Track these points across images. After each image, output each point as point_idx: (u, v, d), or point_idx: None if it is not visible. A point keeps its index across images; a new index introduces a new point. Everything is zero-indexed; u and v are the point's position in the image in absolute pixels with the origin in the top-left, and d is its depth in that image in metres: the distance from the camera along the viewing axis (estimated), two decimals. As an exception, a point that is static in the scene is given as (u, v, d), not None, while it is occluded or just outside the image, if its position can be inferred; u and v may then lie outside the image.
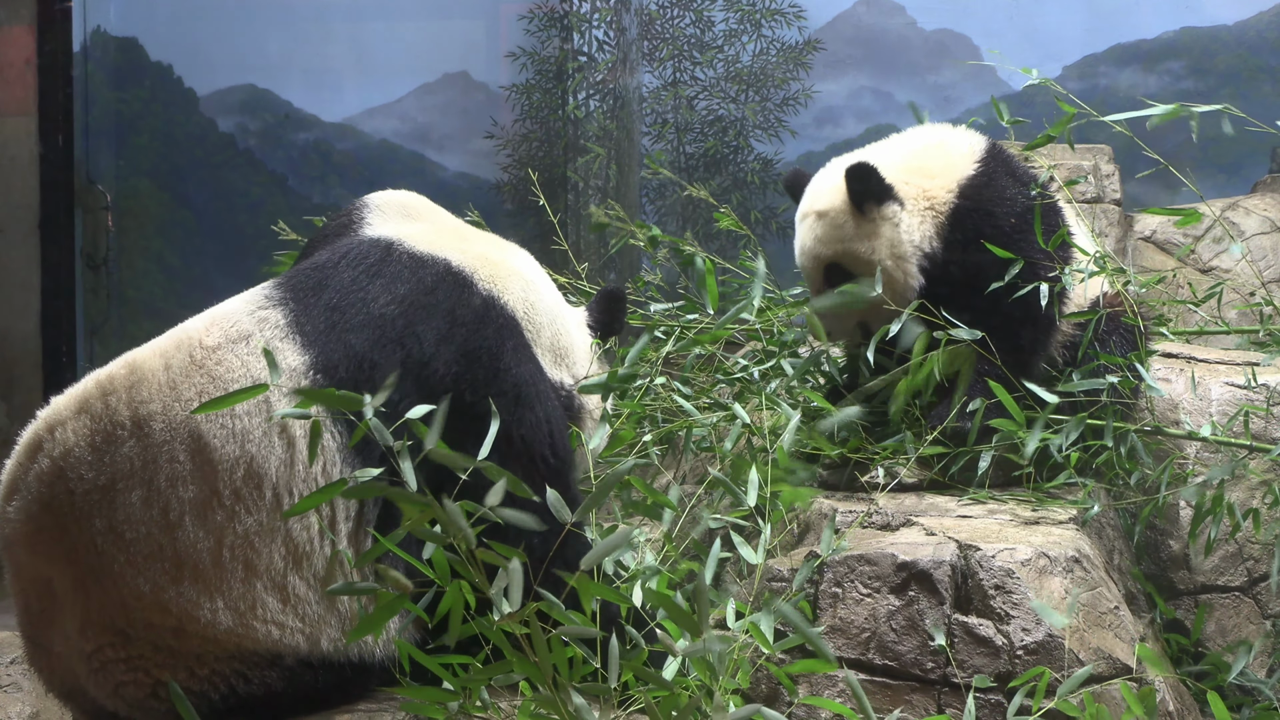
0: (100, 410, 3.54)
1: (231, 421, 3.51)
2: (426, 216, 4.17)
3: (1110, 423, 4.89)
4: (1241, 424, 5.09)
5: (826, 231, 5.04)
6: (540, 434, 3.84)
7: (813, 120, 9.47)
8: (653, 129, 9.47)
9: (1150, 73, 9.23)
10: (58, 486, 3.53)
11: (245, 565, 3.49)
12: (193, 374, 3.55)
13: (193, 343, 3.61)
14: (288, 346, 3.61)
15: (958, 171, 5.09)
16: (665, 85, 9.49)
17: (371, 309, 3.71)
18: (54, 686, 3.76)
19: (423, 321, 3.73)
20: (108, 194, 9.54)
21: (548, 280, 4.30)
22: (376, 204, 4.19)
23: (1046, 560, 4.26)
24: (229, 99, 9.89)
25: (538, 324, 4.07)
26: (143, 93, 9.82)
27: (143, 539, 3.46)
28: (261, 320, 3.65)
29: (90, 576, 3.51)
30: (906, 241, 4.97)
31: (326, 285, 3.75)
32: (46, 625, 3.64)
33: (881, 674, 4.17)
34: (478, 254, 4.01)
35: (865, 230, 4.98)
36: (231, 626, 3.48)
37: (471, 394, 3.72)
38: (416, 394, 3.62)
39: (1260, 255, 7.74)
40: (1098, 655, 4.14)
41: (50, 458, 3.55)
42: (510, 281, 4.01)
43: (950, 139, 5.25)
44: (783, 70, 9.48)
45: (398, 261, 3.86)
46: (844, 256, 5.02)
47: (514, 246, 4.28)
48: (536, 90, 9.54)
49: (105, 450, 3.51)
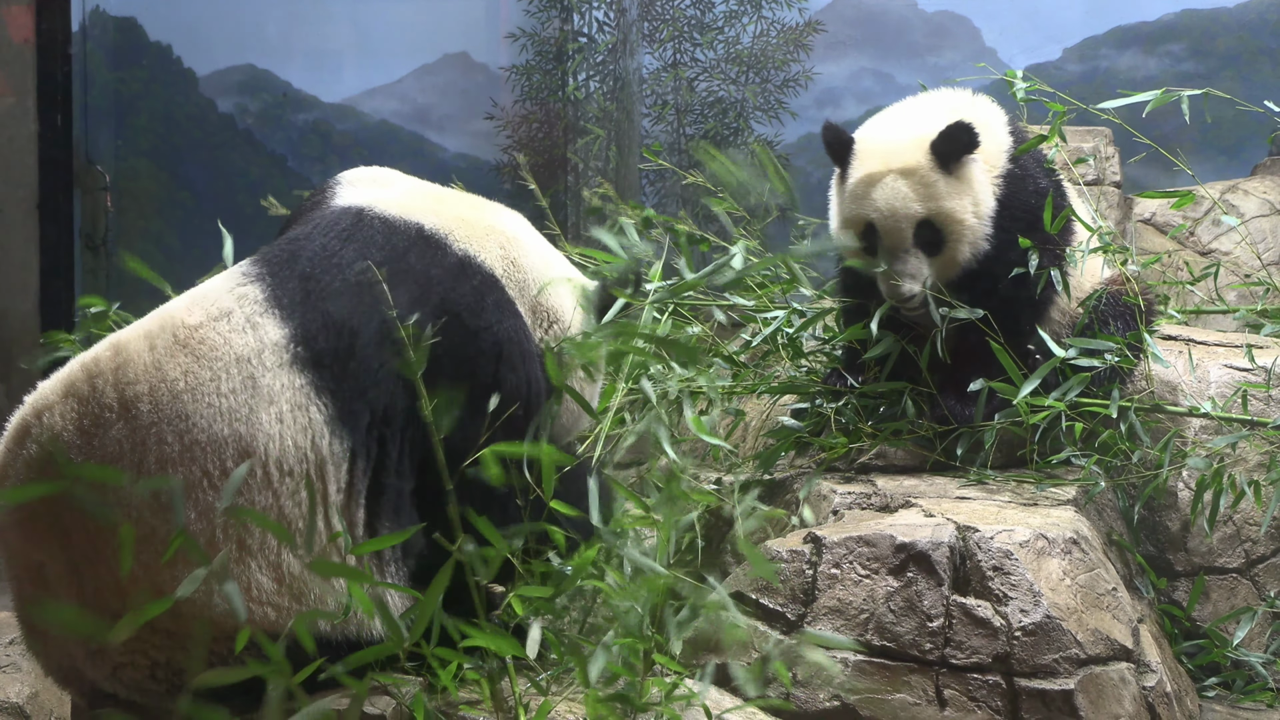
0: (87, 393, 3.52)
1: (219, 401, 3.50)
2: (400, 184, 4.12)
3: (1115, 393, 4.92)
4: (1240, 404, 5.10)
5: (916, 189, 5.00)
6: (520, 396, 3.80)
7: (813, 102, 9.46)
8: (653, 110, 9.45)
9: (1151, 55, 9.23)
10: (47, 472, 3.51)
11: (239, 546, 3.48)
12: (177, 353, 3.53)
13: (176, 322, 3.59)
14: (268, 321, 3.59)
15: (1001, 137, 5.15)
16: (665, 67, 9.47)
17: (347, 275, 3.68)
18: (52, 670, 3.75)
19: (396, 285, 3.70)
20: (106, 174, 9.52)
21: (538, 240, 4.20)
22: (349, 178, 4.14)
23: (1045, 542, 4.26)
24: (228, 79, 9.88)
25: (521, 281, 3.98)
26: (142, 73, 9.80)
27: (134, 521, 3.46)
28: (240, 297, 3.63)
29: (83, 561, 3.50)
30: (986, 200, 5.01)
31: (299, 256, 3.71)
32: (41, 610, 3.64)
33: (879, 655, 4.18)
34: (453, 215, 3.95)
35: (954, 187, 4.98)
36: (227, 607, 3.47)
37: (450, 354, 3.68)
38: (397, 359, 3.59)
39: (1260, 238, 7.74)
40: (1096, 636, 4.15)
41: (39, 443, 3.53)
42: (488, 240, 3.94)
43: (977, 105, 5.27)
44: (783, 52, 9.47)
45: (369, 227, 3.81)
46: (936, 214, 4.99)
47: (498, 207, 4.18)
48: (536, 71, 9.52)
49: (93, 434, 3.50)
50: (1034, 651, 4.09)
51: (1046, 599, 4.13)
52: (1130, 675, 4.19)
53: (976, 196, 4.99)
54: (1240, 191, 7.96)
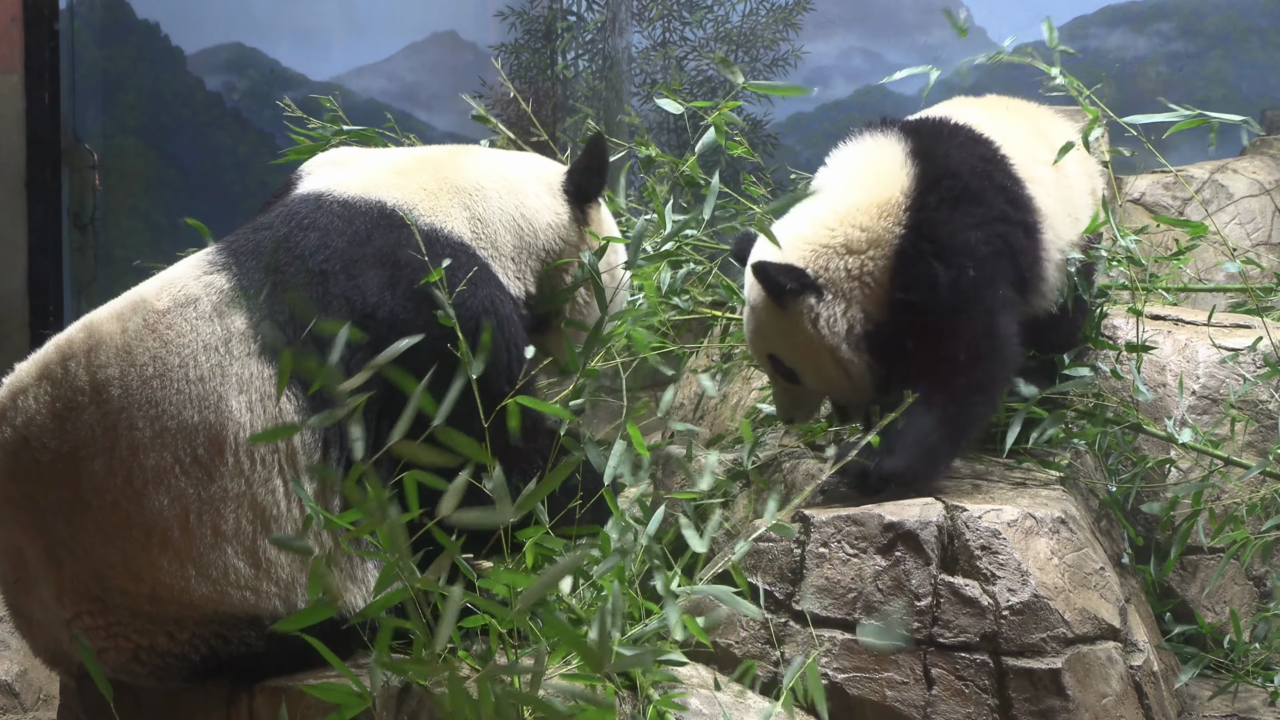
0: (60, 376, 3.52)
1: (188, 388, 3.49)
2: (358, 162, 4.09)
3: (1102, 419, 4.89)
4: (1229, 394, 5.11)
5: (755, 325, 4.60)
6: (499, 365, 3.78)
7: (802, 80, 9.44)
8: (641, 89, 9.44)
9: (1140, 34, 9.22)
10: (23, 456, 3.51)
11: (213, 531, 3.48)
12: (145, 338, 3.53)
13: (146, 306, 3.58)
14: (234, 310, 3.59)
15: (888, 227, 4.46)
16: (654, 45, 9.47)
17: (310, 265, 3.68)
18: (39, 652, 3.76)
19: (363, 273, 3.69)
20: (94, 152, 9.51)
21: (506, 173, 4.12)
22: (308, 166, 4.13)
23: (1033, 521, 4.26)
24: (216, 57, 9.86)
25: (491, 234, 3.97)
26: (129, 50, 9.78)
27: (109, 507, 3.45)
28: (207, 285, 3.62)
29: (60, 546, 3.50)
30: (830, 334, 4.44)
31: (262, 247, 3.71)
32: (24, 594, 3.64)
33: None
34: (415, 187, 3.93)
35: (787, 326, 4.49)
36: (206, 593, 3.47)
37: (427, 335, 3.58)
38: (368, 346, 3.56)
39: (1249, 218, 7.74)
40: (1083, 616, 4.16)
41: (13, 426, 3.53)
42: (452, 205, 3.92)
43: (878, 178, 4.57)
44: (772, 30, 9.46)
45: (329, 212, 3.80)
46: (779, 351, 4.57)
47: (457, 158, 4.12)
48: (525, 50, 9.51)
49: (67, 417, 3.49)
50: (1021, 631, 4.10)
51: (1034, 578, 4.14)
52: (1118, 654, 4.20)
53: (818, 333, 4.42)
54: (1230, 171, 7.96)
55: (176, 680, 3.56)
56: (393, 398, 3.45)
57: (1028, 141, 4.84)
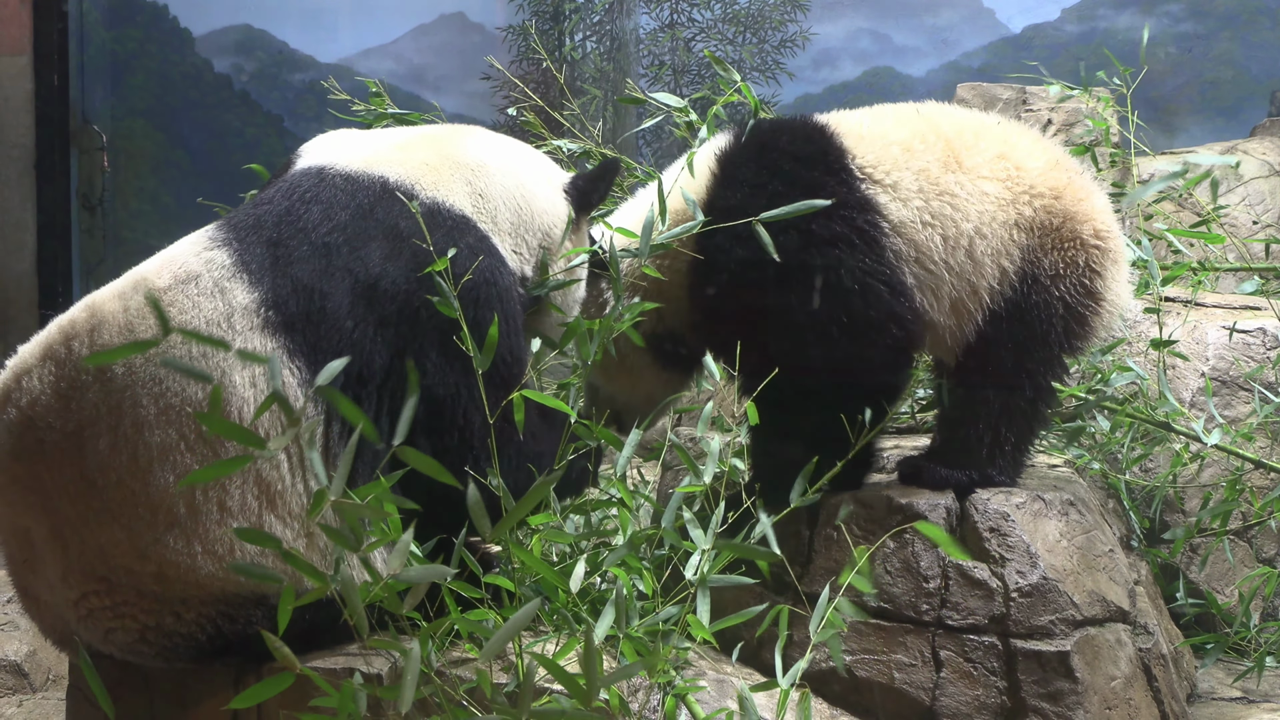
0: (64, 356, 3.52)
1: (191, 364, 3.49)
2: (359, 140, 4.09)
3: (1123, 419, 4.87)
4: (1243, 376, 5.10)
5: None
6: (500, 336, 3.76)
7: (810, 62, 9.44)
8: (649, 71, 9.43)
9: (1149, 15, 9.18)
10: (28, 436, 3.51)
11: (219, 508, 3.47)
12: (148, 315, 3.52)
13: (147, 284, 3.58)
14: (236, 285, 3.57)
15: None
16: (662, 27, 9.45)
17: (313, 238, 3.67)
18: (47, 633, 3.76)
19: (365, 244, 3.69)
20: (103, 134, 9.51)
21: (509, 154, 4.14)
22: (309, 145, 4.13)
23: (1042, 503, 4.26)
24: (224, 39, 9.85)
25: (492, 210, 3.97)
26: (137, 32, 9.78)
27: (114, 486, 3.45)
28: (208, 261, 3.61)
29: (67, 526, 3.50)
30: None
31: (264, 221, 3.70)
32: (31, 574, 3.64)
33: (876, 616, 4.18)
34: (418, 162, 3.93)
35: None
36: (212, 571, 3.47)
37: (427, 307, 3.66)
38: (371, 318, 3.61)
39: (1259, 199, 7.73)
40: (1092, 598, 4.15)
41: (18, 407, 3.53)
42: (454, 181, 3.93)
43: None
44: (780, 12, 9.44)
45: (331, 186, 3.80)
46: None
47: (462, 136, 4.14)
48: (533, 31, 9.49)
49: (71, 397, 3.49)
50: (1030, 613, 4.09)
51: (1043, 560, 4.13)
52: (1126, 636, 4.20)
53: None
54: (1239, 152, 7.94)
55: (184, 660, 3.56)
56: (392, 375, 3.57)
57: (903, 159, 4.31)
